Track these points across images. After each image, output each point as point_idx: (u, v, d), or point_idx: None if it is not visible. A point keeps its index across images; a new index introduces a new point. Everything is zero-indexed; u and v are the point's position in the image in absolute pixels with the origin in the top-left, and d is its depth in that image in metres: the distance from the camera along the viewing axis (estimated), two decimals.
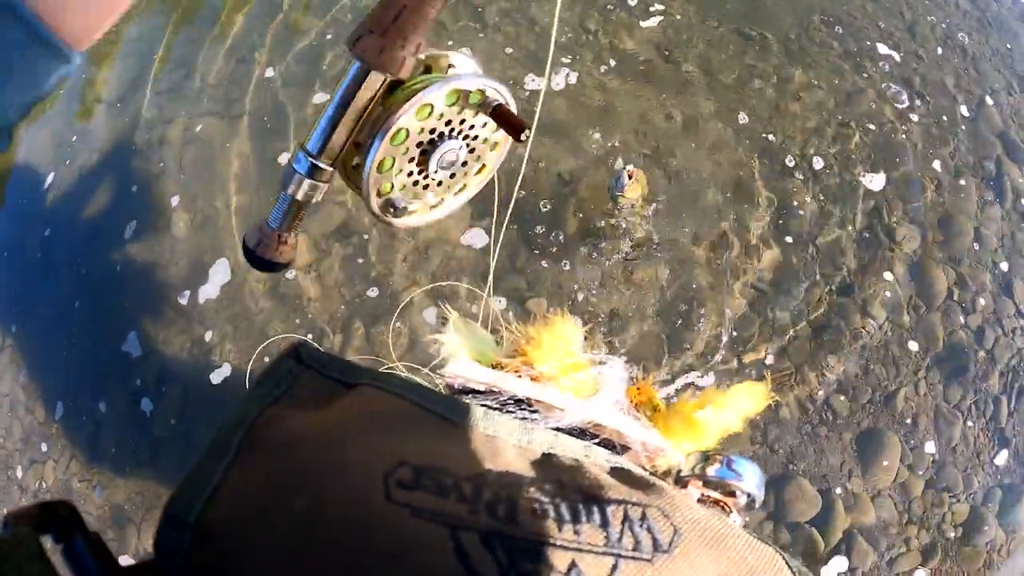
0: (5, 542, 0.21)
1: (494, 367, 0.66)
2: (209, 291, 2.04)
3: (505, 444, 0.39)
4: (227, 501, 0.28)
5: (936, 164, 2.14)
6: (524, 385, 0.63)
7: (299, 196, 0.59)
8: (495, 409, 0.59)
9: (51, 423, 2.08)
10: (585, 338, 0.64)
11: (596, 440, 0.61)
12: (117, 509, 1.94)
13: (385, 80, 0.56)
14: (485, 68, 0.70)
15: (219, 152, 2.20)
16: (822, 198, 2.05)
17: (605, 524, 0.33)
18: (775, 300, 1.93)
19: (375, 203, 0.64)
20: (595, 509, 0.33)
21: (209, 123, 2.27)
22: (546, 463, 0.40)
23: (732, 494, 0.70)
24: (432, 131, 0.63)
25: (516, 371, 0.66)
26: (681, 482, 0.69)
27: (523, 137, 0.63)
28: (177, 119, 2.30)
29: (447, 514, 0.29)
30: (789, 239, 2.00)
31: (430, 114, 0.60)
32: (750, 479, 0.70)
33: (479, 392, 0.65)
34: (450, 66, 0.67)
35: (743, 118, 2.14)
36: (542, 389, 0.65)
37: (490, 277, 1.05)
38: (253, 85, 2.30)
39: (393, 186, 0.64)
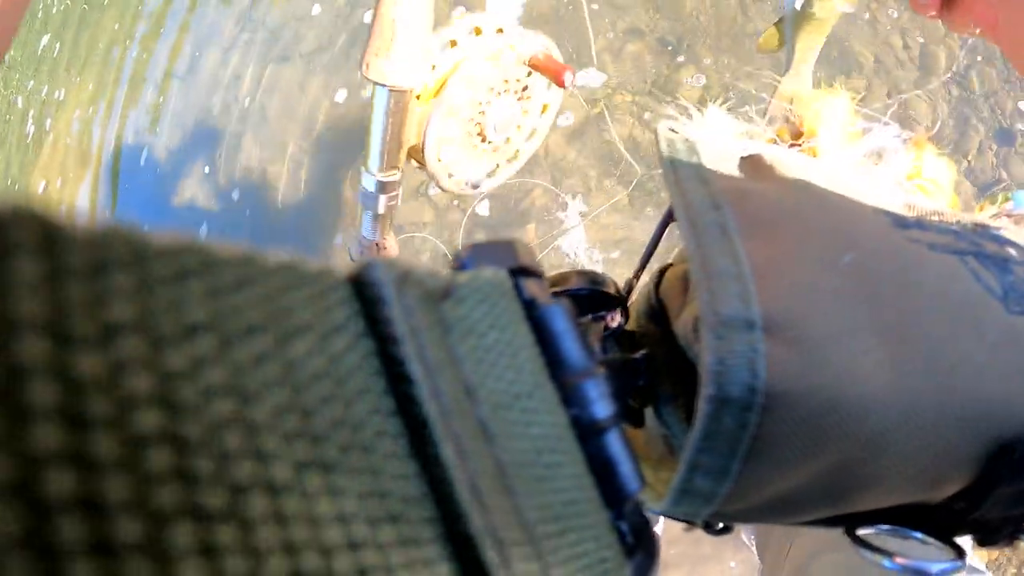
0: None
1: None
2: None
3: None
4: (774, 285, 0.22)
5: None
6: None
7: (381, 211, 0.64)
8: None
9: None
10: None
11: None
12: None
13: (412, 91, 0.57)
14: None
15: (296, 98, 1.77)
16: None
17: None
18: None
19: (450, 184, 0.66)
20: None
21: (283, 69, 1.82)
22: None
23: None
24: (480, 102, 0.62)
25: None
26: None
27: (567, 84, 0.59)
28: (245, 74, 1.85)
29: (946, 245, 0.28)
30: None
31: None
32: None
33: None
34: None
35: None
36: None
37: None
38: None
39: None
